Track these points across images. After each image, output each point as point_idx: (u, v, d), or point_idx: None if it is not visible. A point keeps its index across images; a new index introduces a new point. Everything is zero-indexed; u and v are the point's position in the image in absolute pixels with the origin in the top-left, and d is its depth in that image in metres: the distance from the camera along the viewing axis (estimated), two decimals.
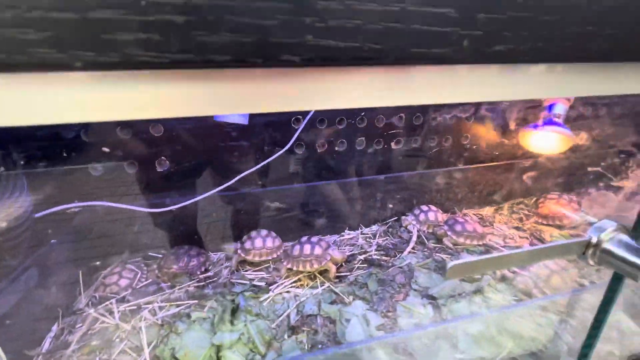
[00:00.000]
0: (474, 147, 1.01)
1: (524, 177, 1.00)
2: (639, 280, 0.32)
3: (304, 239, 0.80)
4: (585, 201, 0.83)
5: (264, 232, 0.75)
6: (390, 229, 0.95)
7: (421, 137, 0.97)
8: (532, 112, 1.00)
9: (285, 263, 0.77)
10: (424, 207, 0.95)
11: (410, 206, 1.01)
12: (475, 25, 0.18)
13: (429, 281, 0.70)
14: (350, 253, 0.83)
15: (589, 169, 0.88)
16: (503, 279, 0.69)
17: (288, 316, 0.62)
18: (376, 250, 0.85)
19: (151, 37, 0.13)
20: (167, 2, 0.13)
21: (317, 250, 0.77)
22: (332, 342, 0.57)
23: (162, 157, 0.77)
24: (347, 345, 0.50)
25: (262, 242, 0.72)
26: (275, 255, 0.73)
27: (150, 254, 0.83)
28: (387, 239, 0.91)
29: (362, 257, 0.81)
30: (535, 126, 0.94)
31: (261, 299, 0.66)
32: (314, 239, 0.80)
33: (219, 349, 0.54)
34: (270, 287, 0.70)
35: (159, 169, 0.78)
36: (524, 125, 0.98)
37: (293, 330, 0.60)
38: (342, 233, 0.95)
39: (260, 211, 0.89)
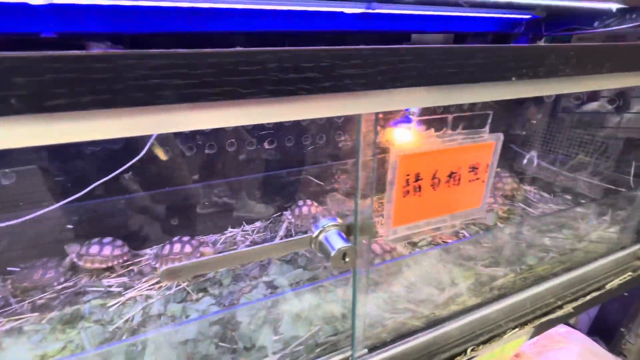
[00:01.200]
0: (349, 144, 1.09)
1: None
2: (331, 262, 0.40)
3: (176, 238, 0.83)
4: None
5: (107, 239, 0.77)
6: (271, 225, 1.01)
7: (296, 137, 1.03)
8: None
9: (154, 263, 0.79)
10: (300, 202, 1.01)
11: (293, 202, 1.08)
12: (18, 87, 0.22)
13: (279, 271, 0.77)
14: (222, 250, 0.88)
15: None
16: None
17: (132, 318, 0.65)
18: (248, 246, 0.90)
19: None
20: None
21: (187, 248, 0.80)
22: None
23: (6, 170, 0.75)
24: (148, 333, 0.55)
25: (98, 249, 0.73)
26: (115, 263, 0.74)
27: (9, 269, 0.81)
28: (265, 234, 0.97)
29: None
30: (395, 123, 1.04)
31: (109, 304, 0.68)
32: (185, 238, 0.83)
33: (42, 359, 0.56)
34: (125, 292, 0.72)
35: (4, 182, 0.75)
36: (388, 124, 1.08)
37: (132, 332, 0.63)
38: (224, 231, 0.99)
39: (131, 217, 0.90)
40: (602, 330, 1.11)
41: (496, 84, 0.39)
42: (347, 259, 0.40)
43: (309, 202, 1.02)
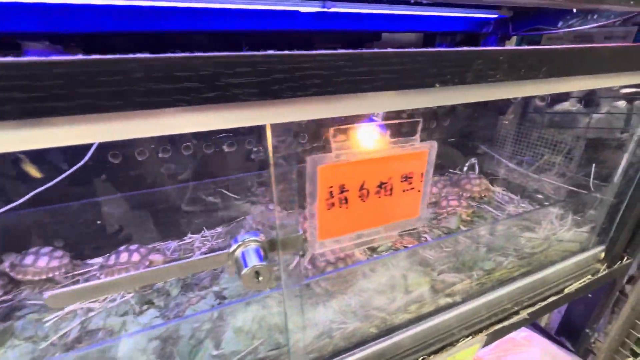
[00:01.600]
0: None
1: None
2: (242, 281, 0.37)
3: (122, 247, 0.79)
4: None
5: (46, 249, 0.73)
6: (232, 230, 0.98)
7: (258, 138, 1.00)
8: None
9: (99, 274, 0.76)
10: (270, 206, 0.99)
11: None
12: None
13: (231, 281, 0.74)
14: (176, 257, 0.85)
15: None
16: None
17: (68, 334, 0.62)
18: (205, 252, 0.87)
19: None
20: None
21: (135, 257, 0.77)
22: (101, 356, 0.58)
23: None
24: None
25: (33, 260, 0.70)
26: (51, 274, 0.71)
27: None
28: (225, 240, 0.94)
29: None
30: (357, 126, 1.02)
31: (47, 318, 0.65)
32: (134, 246, 0.80)
33: None
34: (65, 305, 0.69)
35: None
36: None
37: (66, 349, 0.60)
38: (184, 238, 0.96)
39: (82, 224, 0.86)
40: (569, 331, 1.12)
41: (417, 91, 0.37)
42: (260, 278, 0.37)
43: (271, 207, 0.99)
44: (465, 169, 1.21)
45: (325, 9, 0.79)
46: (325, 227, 0.42)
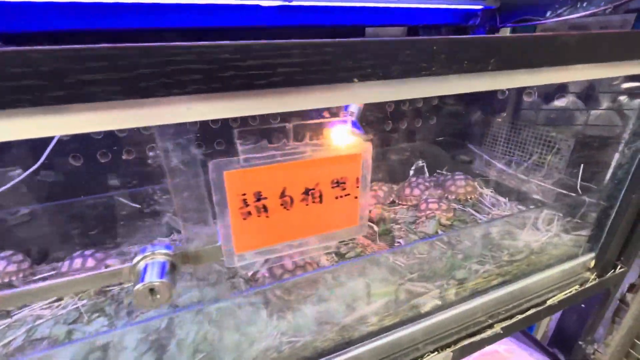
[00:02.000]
0: None
1: None
2: (133, 299, 0.34)
3: (77, 253, 0.78)
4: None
5: (5, 253, 0.71)
6: None
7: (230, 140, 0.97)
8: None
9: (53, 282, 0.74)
10: None
11: None
12: None
13: (187, 289, 0.71)
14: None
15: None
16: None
17: (11, 343, 0.61)
18: None
19: None
20: None
21: (90, 263, 0.75)
22: None
23: None
24: None
25: None
26: (7, 280, 0.69)
27: None
28: None
29: None
30: (333, 123, 0.98)
31: None
32: (89, 251, 0.78)
33: None
34: (16, 312, 0.67)
35: None
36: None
37: (9, 357, 0.58)
38: (153, 242, 0.94)
39: (49, 227, 0.85)
40: (562, 342, 1.05)
41: (329, 87, 0.33)
42: (158, 296, 0.34)
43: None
44: (411, 171, 1.15)
45: (287, 3, 0.75)
46: (243, 239, 0.38)
